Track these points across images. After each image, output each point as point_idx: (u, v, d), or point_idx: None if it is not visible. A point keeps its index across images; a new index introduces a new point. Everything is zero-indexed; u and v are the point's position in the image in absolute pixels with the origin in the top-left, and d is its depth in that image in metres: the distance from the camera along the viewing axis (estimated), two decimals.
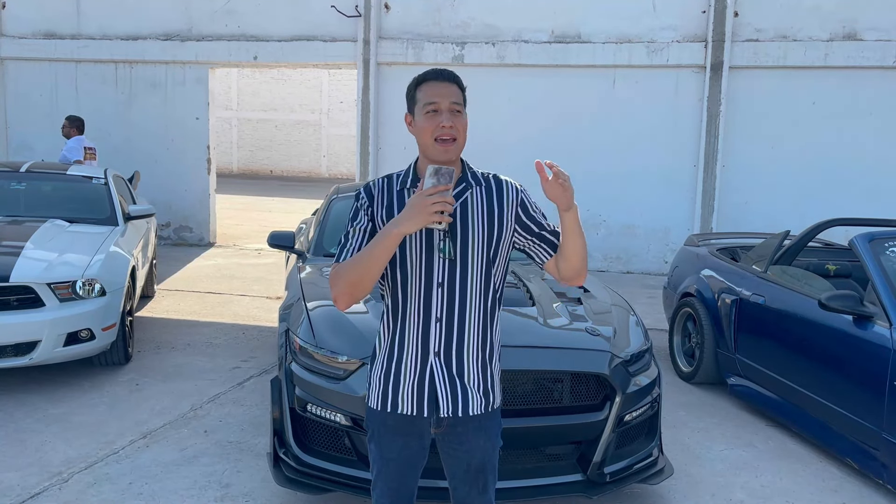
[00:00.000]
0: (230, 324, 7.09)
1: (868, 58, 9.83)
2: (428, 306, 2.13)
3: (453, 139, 2.10)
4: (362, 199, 2.19)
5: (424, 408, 2.16)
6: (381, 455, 2.24)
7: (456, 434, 2.20)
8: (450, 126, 2.09)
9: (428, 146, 2.11)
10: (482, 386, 2.19)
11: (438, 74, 2.15)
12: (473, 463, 2.24)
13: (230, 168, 30.73)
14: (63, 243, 5.60)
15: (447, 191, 1.92)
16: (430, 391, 2.16)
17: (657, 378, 3.84)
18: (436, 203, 1.91)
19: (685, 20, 10.34)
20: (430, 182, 1.94)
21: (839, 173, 10.01)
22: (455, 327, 2.14)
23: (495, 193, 2.20)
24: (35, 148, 11.76)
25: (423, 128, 2.12)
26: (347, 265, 2.05)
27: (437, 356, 2.15)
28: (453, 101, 2.11)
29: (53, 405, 4.87)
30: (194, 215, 11.90)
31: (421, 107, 2.13)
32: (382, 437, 2.22)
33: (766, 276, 5.29)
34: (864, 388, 4.13)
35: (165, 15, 11.61)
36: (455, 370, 2.16)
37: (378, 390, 2.21)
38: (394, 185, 2.19)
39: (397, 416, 2.18)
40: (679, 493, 3.92)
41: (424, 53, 10.89)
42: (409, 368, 2.16)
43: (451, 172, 1.95)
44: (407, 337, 2.16)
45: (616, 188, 10.53)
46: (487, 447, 2.24)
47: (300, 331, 3.75)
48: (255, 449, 4.26)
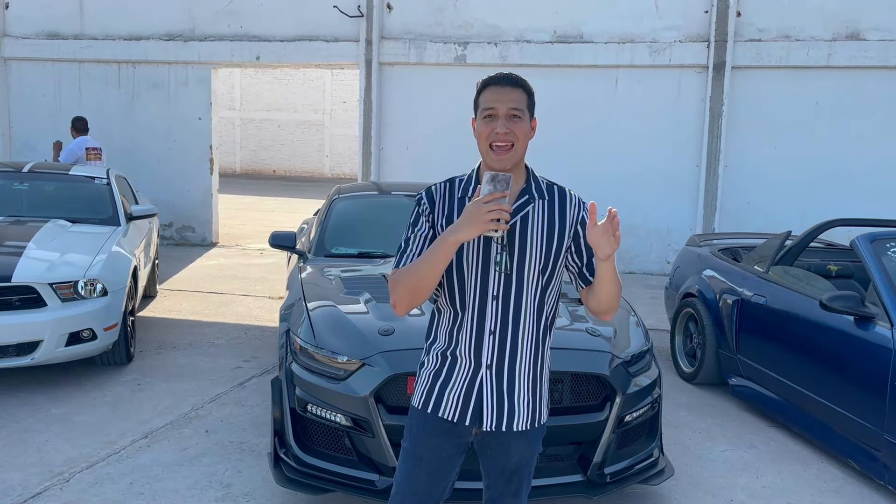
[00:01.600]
0: (232, 324, 7.10)
1: (871, 58, 9.82)
2: (482, 318, 2.10)
3: (510, 146, 2.05)
4: (424, 204, 2.16)
5: (468, 416, 2.14)
6: (413, 452, 2.20)
7: (497, 441, 2.19)
8: (504, 133, 2.04)
9: (484, 153, 2.08)
10: (531, 403, 2.17)
11: (502, 79, 2.09)
12: (509, 465, 2.22)
13: (233, 168, 30.77)
14: (65, 243, 5.61)
15: (504, 198, 1.89)
16: (477, 402, 2.13)
17: (658, 378, 3.83)
18: (492, 211, 1.88)
19: (687, 20, 10.33)
20: (487, 189, 1.91)
21: (842, 173, 10.00)
22: (508, 341, 2.11)
23: (557, 207, 2.15)
24: (38, 148, 11.79)
25: (479, 133, 2.08)
26: (406, 271, 2.04)
27: (489, 369, 2.12)
28: (513, 106, 2.05)
29: (55, 405, 4.88)
30: (197, 215, 11.92)
31: (480, 111, 2.09)
32: (419, 434, 2.20)
33: (768, 276, 5.28)
34: (865, 388, 4.12)
35: (168, 15, 11.63)
36: (506, 385, 2.14)
37: (424, 389, 2.20)
38: (455, 192, 2.16)
39: (437, 419, 2.17)
40: (680, 493, 3.92)
41: (427, 53, 10.89)
42: (459, 376, 2.15)
43: (509, 179, 1.93)
44: (460, 347, 2.14)
45: (618, 188, 10.52)
46: (526, 453, 2.23)
47: (301, 331, 3.76)
48: (256, 449, 4.27)
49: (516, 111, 2.06)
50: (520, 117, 2.07)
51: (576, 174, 10.57)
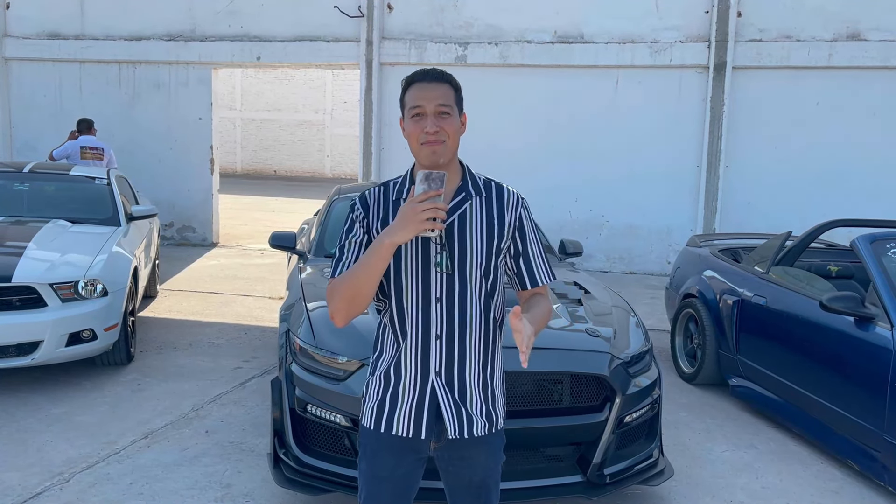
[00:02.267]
0: (232, 324, 7.10)
1: (872, 58, 9.81)
2: (427, 323, 2.02)
3: (441, 142, 1.98)
4: (357, 210, 2.07)
5: (422, 430, 2.05)
6: (372, 474, 2.12)
7: (457, 452, 2.10)
8: (434, 132, 1.96)
9: (416, 151, 2.01)
10: (484, 408, 2.09)
11: (426, 75, 2.02)
12: (475, 479, 2.14)
13: (234, 168, 30.78)
14: (65, 244, 5.62)
15: (438, 196, 1.84)
16: (430, 412, 2.05)
17: (657, 379, 3.83)
18: (426, 210, 1.82)
19: (688, 20, 10.33)
20: (421, 188, 1.85)
21: (842, 174, 9.99)
22: (456, 346, 2.03)
23: (496, 203, 2.07)
24: (39, 148, 11.79)
25: (409, 133, 2.01)
26: (342, 280, 1.96)
27: (438, 376, 2.04)
28: (440, 103, 1.98)
29: (55, 405, 4.88)
30: (197, 215, 11.93)
31: (407, 110, 2.02)
32: (375, 456, 2.11)
33: (768, 277, 5.28)
34: (865, 389, 4.12)
35: (169, 16, 11.64)
36: (457, 391, 2.05)
37: (372, 407, 2.11)
38: (390, 194, 2.08)
39: (391, 437, 2.08)
40: (679, 494, 3.92)
41: (427, 54, 10.89)
42: (408, 388, 2.06)
43: (443, 177, 1.86)
44: (406, 355, 2.05)
45: (619, 188, 10.53)
46: (490, 464, 2.15)
47: (300, 331, 3.76)
48: (256, 449, 4.27)
49: (444, 108, 1.98)
50: (449, 114, 1.99)
51: (576, 174, 10.59)
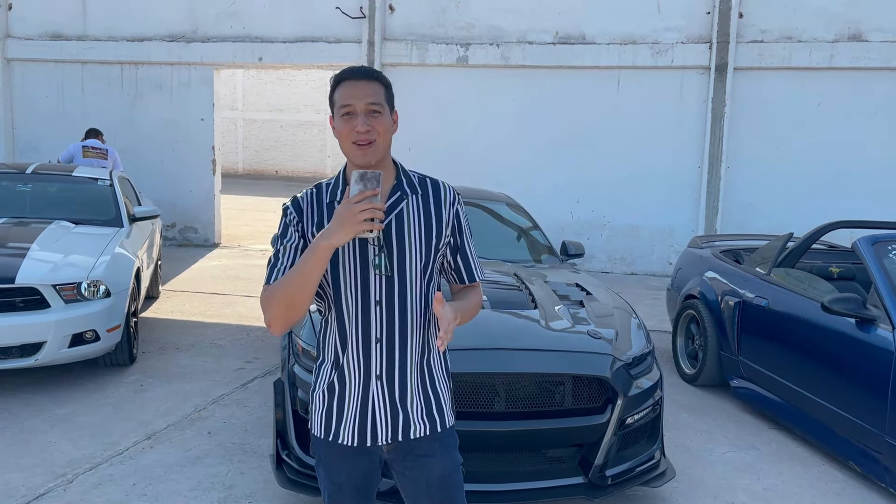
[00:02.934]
0: (235, 325, 7.11)
1: (873, 59, 9.82)
2: (367, 326, 1.97)
3: (371, 142, 1.94)
4: (290, 214, 2.02)
5: (367, 437, 2.02)
6: (330, 480, 2.10)
7: (409, 454, 2.06)
8: (365, 131, 1.92)
9: (347, 151, 1.96)
10: (424, 409, 2.04)
11: (354, 73, 1.97)
12: (433, 479, 2.07)
13: (235, 168, 30.81)
14: (68, 245, 5.63)
15: (375, 196, 1.79)
16: (372, 419, 2.01)
17: (659, 381, 3.84)
18: (364, 210, 1.77)
19: (689, 21, 10.34)
20: (357, 188, 1.80)
21: (844, 175, 10.00)
22: (397, 348, 1.99)
23: (433, 201, 2.04)
24: (41, 149, 11.82)
25: (339, 132, 1.97)
26: (277, 286, 1.89)
27: (378, 380, 2.00)
28: (370, 101, 1.94)
29: (58, 406, 4.90)
30: (199, 216, 11.94)
31: (337, 109, 1.96)
32: (329, 462, 2.08)
33: (770, 278, 5.29)
34: (866, 390, 4.13)
35: (170, 16, 11.66)
36: (398, 394, 2.01)
37: (320, 417, 2.06)
38: (323, 197, 2.03)
39: (340, 446, 2.04)
40: (681, 495, 3.92)
41: (429, 55, 10.90)
42: (352, 395, 2.02)
43: (379, 176, 1.81)
44: (347, 360, 2.01)
45: (620, 189, 10.53)
46: (445, 462, 2.09)
47: (303, 333, 3.77)
48: (259, 450, 4.28)
49: (375, 106, 1.94)
50: (380, 112, 1.95)
51: (578, 175, 10.59)
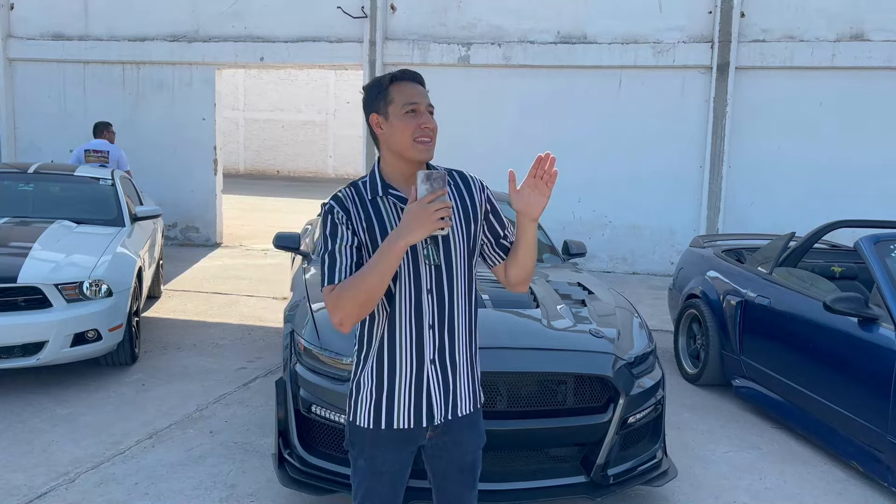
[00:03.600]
0: (236, 324, 7.12)
1: (875, 58, 9.80)
2: (419, 314, 2.09)
3: (432, 138, 2.10)
4: (338, 213, 2.08)
5: (423, 418, 2.13)
6: (372, 469, 2.17)
7: (450, 435, 2.19)
8: (432, 127, 2.09)
9: (407, 146, 2.07)
10: (470, 385, 2.21)
11: (413, 75, 2.14)
12: (467, 461, 2.24)
13: (237, 168, 30.81)
14: (70, 244, 5.63)
15: (444, 195, 1.92)
16: (427, 400, 2.13)
17: (661, 380, 3.84)
18: (437, 210, 1.90)
19: (691, 21, 10.33)
20: (424, 189, 1.91)
21: (846, 174, 9.98)
22: (446, 332, 2.13)
23: (464, 190, 2.19)
24: (43, 149, 11.83)
25: (402, 128, 2.07)
26: (352, 285, 1.97)
27: (432, 363, 2.12)
28: (429, 103, 2.12)
29: (60, 405, 4.90)
30: (201, 216, 11.95)
31: (399, 106, 2.08)
32: (374, 451, 2.16)
33: (772, 277, 5.28)
34: (868, 389, 4.12)
35: (172, 16, 11.66)
36: (450, 374, 2.15)
37: (369, 406, 2.15)
38: (364, 195, 2.12)
39: (391, 432, 2.13)
40: (683, 495, 3.92)
41: (430, 54, 10.90)
42: (404, 379, 2.12)
43: (444, 176, 1.94)
44: (400, 347, 2.11)
45: (622, 189, 10.53)
46: (479, 442, 2.27)
47: (305, 332, 3.77)
48: (261, 450, 4.28)
49: (432, 108, 2.12)
50: (433, 113, 2.13)
51: (579, 175, 10.58)
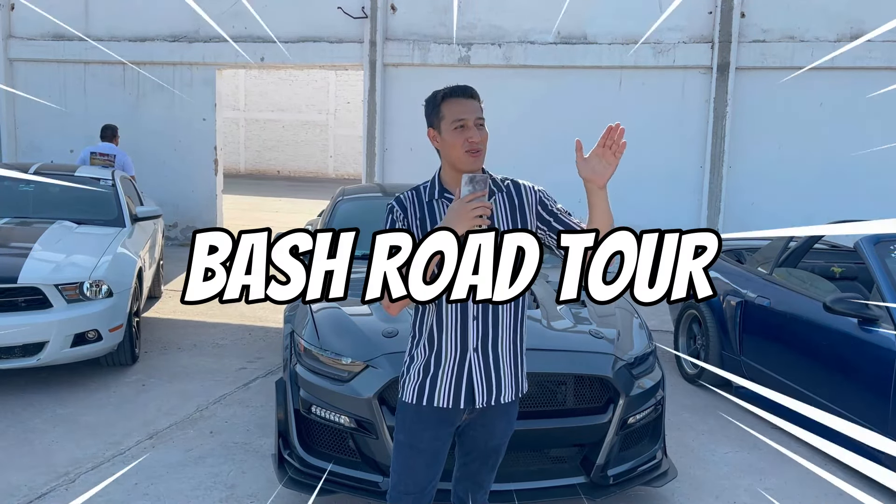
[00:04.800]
0: (236, 325, 7.12)
1: (876, 58, 9.80)
2: (465, 307, 2.30)
3: (481, 151, 2.28)
4: (397, 212, 2.34)
5: (461, 400, 2.34)
6: (411, 444, 2.38)
7: (481, 419, 2.40)
8: (479, 140, 2.26)
9: (458, 158, 2.27)
10: (514, 375, 2.39)
11: (464, 91, 2.30)
12: (491, 444, 2.47)
13: (237, 168, 30.82)
14: (70, 245, 5.64)
15: (483, 196, 2.09)
16: (468, 385, 2.33)
17: (661, 381, 3.84)
18: (476, 208, 2.07)
19: (691, 21, 10.32)
20: (467, 189, 2.10)
21: (846, 175, 9.97)
22: (490, 324, 2.32)
23: (516, 197, 2.37)
24: (44, 149, 11.82)
25: (452, 143, 2.27)
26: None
27: (475, 352, 2.33)
28: (478, 116, 2.29)
29: (61, 405, 4.90)
30: (201, 216, 11.94)
31: (449, 123, 2.27)
32: (414, 427, 2.37)
33: (772, 278, 5.29)
34: (868, 390, 4.12)
35: (173, 16, 11.65)
36: (492, 363, 2.34)
37: (415, 384, 2.36)
38: (423, 197, 2.36)
39: (433, 409, 2.34)
40: (683, 495, 3.92)
41: (430, 55, 10.90)
42: (448, 364, 2.33)
43: (486, 180, 2.11)
44: (445, 335, 2.33)
45: (622, 189, 10.40)
46: (508, 430, 2.48)
47: (305, 333, 3.78)
48: (261, 450, 4.28)
49: (481, 120, 2.30)
50: (482, 125, 2.30)
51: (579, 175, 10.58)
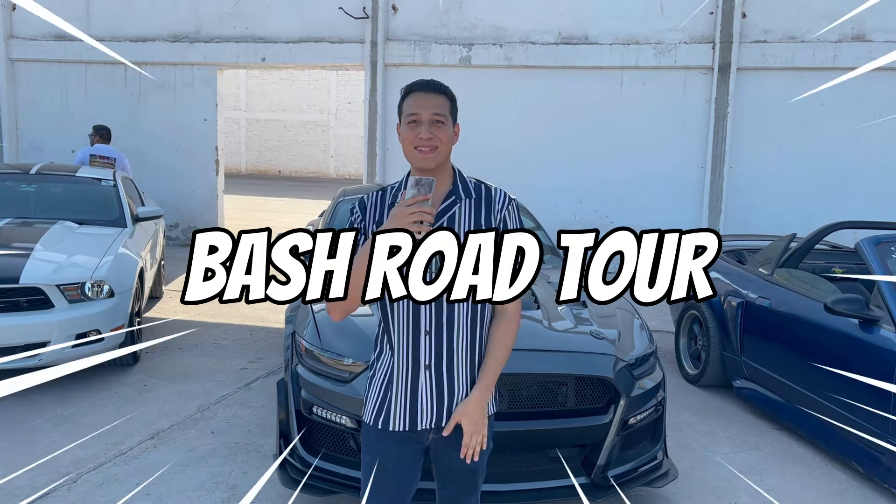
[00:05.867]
0: (238, 325, 7.13)
1: (877, 59, 9.78)
2: (416, 319, 2.14)
3: (434, 148, 2.10)
4: (356, 213, 2.22)
5: (417, 421, 2.19)
6: (376, 465, 2.23)
7: (455, 438, 2.21)
8: (428, 138, 2.09)
9: (409, 155, 2.13)
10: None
11: (424, 85, 2.15)
12: (466, 465, 2.25)
13: (238, 168, 30.84)
14: (72, 245, 5.65)
15: (426, 201, 1.93)
16: (422, 405, 2.18)
17: (662, 381, 3.84)
18: (413, 213, 1.91)
19: (693, 21, 10.32)
20: (411, 192, 1.95)
21: (847, 175, 9.98)
22: (444, 339, 2.16)
23: (484, 205, 2.18)
24: (45, 149, 11.84)
25: (404, 138, 2.13)
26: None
27: (427, 369, 2.17)
28: (435, 111, 2.11)
29: (62, 406, 4.91)
30: (202, 216, 11.95)
31: (404, 117, 2.14)
32: (378, 447, 2.23)
33: (773, 278, 5.29)
34: (869, 391, 4.12)
35: (174, 17, 11.67)
36: (446, 382, 2.18)
37: (373, 404, 2.23)
38: (387, 199, 2.21)
39: (389, 432, 2.20)
40: (684, 496, 3.93)
41: (432, 55, 10.90)
42: (400, 383, 2.18)
43: (432, 183, 1.95)
44: (397, 351, 2.18)
45: (623, 189, 10.53)
46: (483, 450, 2.25)
47: (306, 333, 3.78)
48: (262, 450, 4.29)
49: (439, 116, 2.11)
50: (443, 122, 2.11)
51: (580, 175, 10.59)
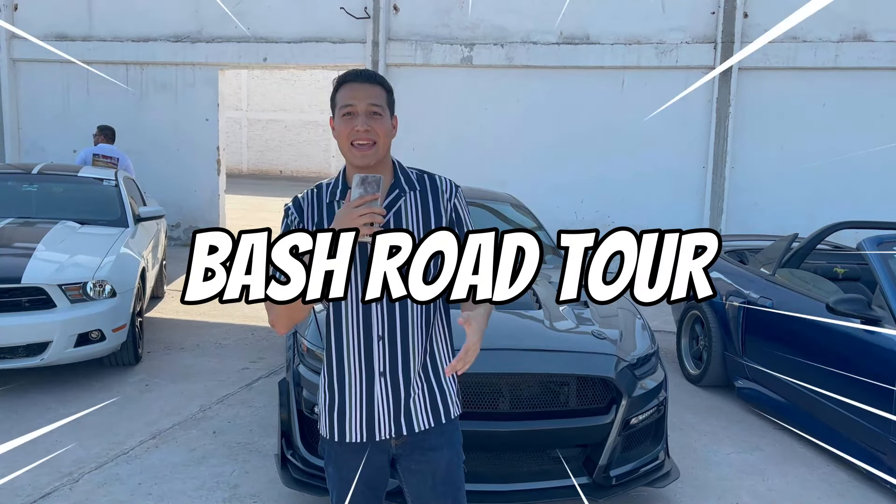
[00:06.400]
0: (239, 324, 7.13)
1: (878, 59, 9.79)
2: (368, 324, 2.02)
3: (371, 143, 1.97)
4: (292, 215, 2.06)
5: (375, 432, 2.06)
6: (340, 477, 2.12)
7: (419, 449, 2.09)
8: (365, 130, 1.95)
9: (346, 151, 1.99)
10: (428, 402, 2.08)
11: (359, 75, 2.01)
12: (438, 475, 2.12)
13: (240, 168, 30.87)
14: (74, 245, 5.65)
15: (375, 200, 1.82)
16: (378, 414, 2.05)
17: (663, 381, 3.84)
18: (363, 215, 1.80)
19: (694, 21, 10.32)
20: (357, 192, 1.83)
21: (849, 175, 9.96)
22: (399, 345, 2.03)
23: (430, 196, 2.06)
24: (47, 149, 11.85)
25: (339, 132, 1.99)
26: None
27: (382, 377, 2.04)
28: (372, 102, 1.97)
29: (64, 405, 4.91)
30: (204, 216, 11.96)
31: (338, 109, 2.00)
32: (339, 459, 2.12)
33: (774, 279, 5.28)
34: (871, 391, 4.12)
35: (175, 17, 11.67)
36: (402, 388, 2.05)
37: (326, 418, 2.11)
38: (323, 197, 2.07)
39: (347, 444, 2.08)
40: (685, 496, 3.92)
41: (433, 55, 10.90)
42: (353, 393, 2.06)
43: (379, 181, 1.83)
44: (348, 358, 2.05)
45: (624, 189, 10.52)
46: (452, 457, 2.13)
47: (308, 333, 3.78)
48: (264, 450, 4.29)
49: (376, 108, 1.97)
50: (380, 114, 1.98)
51: (582, 175, 10.59)
